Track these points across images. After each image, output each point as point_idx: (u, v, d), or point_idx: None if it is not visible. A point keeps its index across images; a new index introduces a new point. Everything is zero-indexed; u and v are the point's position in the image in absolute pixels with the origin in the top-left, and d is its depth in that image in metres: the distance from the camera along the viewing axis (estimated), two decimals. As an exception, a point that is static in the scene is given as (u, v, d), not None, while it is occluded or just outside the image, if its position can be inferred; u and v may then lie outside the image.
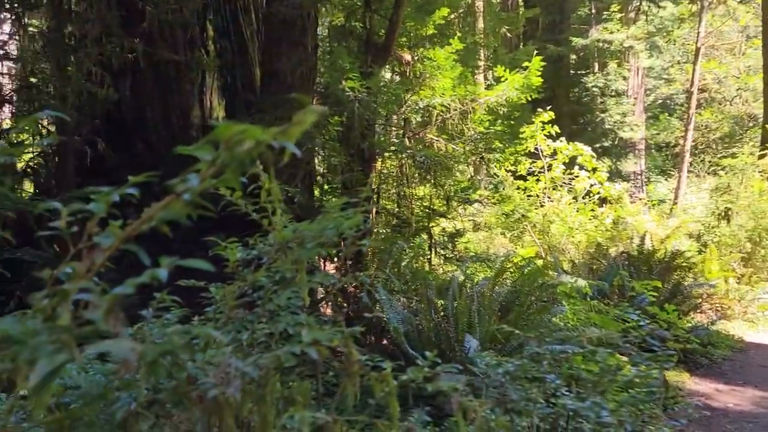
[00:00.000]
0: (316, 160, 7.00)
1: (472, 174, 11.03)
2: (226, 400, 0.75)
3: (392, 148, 6.78)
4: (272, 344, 1.36)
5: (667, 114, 20.17)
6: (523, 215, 9.56)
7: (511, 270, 5.33)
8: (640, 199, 14.05)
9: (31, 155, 5.50)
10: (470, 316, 4.26)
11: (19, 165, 5.31)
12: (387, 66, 7.32)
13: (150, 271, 0.55)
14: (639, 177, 16.07)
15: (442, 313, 4.36)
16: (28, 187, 5.84)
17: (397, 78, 7.72)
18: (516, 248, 8.65)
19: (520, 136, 6.97)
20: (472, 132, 6.54)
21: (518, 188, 10.38)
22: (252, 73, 6.40)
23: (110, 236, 0.55)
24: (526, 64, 6.46)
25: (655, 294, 5.82)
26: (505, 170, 10.35)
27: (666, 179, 18.27)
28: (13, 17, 5.34)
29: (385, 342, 4.68)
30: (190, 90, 5.80)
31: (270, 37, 6.31)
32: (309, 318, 1.21)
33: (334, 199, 6.85)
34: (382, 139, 6.86)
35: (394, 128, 7.53)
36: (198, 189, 0.55)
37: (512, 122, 6.62)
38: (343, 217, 1.33)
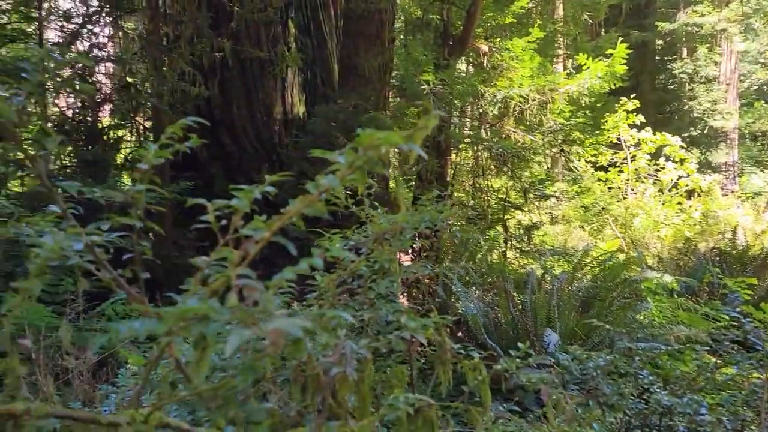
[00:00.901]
0: (391, 152, 7.08)
1: (549, 166, 10.74)
2: (344, 378, 0.82)
3: (467, 139, 6.74)
4: (368, 330, 1.44)
5: (763, 101, 18.76)
6: (603, 208, 9.24)
7: (592, 264, 5.20)
8: (733, 192, 13.22)
9: (129, 150, 5.91)
10: (549, 310, 4.21)
11: (119, 160, 5.71)
12: (463, 57, 7.27)
13: (307, 259, 0.62)
14: (731, 168, 15.09)
15: (520, 307, 4.33)
16: (125, 180, 6.27)
17: (473, 69, 7.65)
18: (596, 242, 8.38)
19: (602, 126, 6.72)
20: (551, 123, 6.39)
21: (599, 180, 10.05)
22: (331, 68, 6.56)
23: (260, 229, 0.63)
24: (609, 51, 6.23)
25: (750, 292, 5.49)
26: (585, 161, 10.03)
27: (762, 170, 17.02)
28: (112, 21, 5.73)
29: (460, 334, 4.71)
30: (273, 86, 6.02)
31: (348, 32, 6.44)
32: (407, 307, 1.27)
33: (407, 191, 6.91)
34: (458, 131, 6.84)
35: (469, 119, 7.48)
36: (334, 188, 0.61)
37: (594, 113, 6.40)
38: (436, 210, 1.39)
